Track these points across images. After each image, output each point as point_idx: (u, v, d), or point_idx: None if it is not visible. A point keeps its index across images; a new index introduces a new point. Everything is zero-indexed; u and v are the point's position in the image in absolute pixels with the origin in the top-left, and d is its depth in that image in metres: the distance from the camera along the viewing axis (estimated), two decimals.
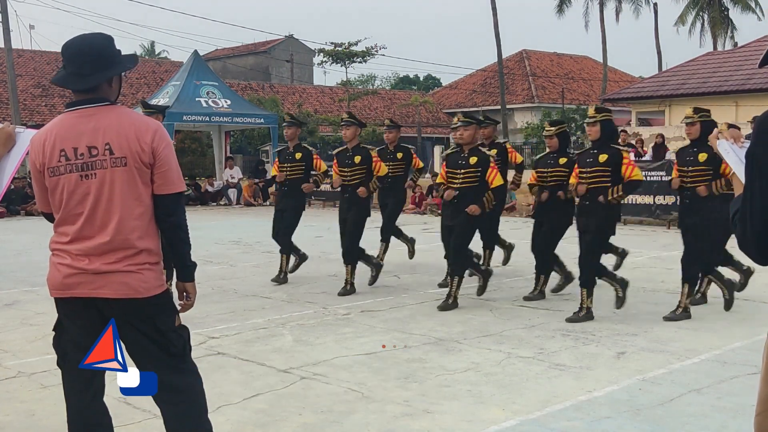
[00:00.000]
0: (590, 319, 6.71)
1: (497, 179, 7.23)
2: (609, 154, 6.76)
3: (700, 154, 6.71)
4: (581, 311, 6.76)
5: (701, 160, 6.69)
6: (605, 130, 6.83)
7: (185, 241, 3.12)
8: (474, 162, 7.20)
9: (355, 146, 8.33)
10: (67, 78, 2.98)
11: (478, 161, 7.20)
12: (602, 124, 6.81)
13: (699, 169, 6.72)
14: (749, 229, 2.05)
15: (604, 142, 6.83)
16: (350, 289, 8.18)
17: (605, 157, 6.74)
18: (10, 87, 24.92)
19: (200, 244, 7.97)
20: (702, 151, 6.69)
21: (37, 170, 3.00)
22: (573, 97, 41.05)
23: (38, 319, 6.89)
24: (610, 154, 6.75)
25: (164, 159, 3.00)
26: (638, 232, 14.39)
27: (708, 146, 6.58)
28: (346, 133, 8.34)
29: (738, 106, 23.05)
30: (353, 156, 8.27)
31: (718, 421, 4.21)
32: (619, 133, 7.61)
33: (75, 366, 3.03)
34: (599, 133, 6.80)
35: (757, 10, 39.75)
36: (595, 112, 6.89)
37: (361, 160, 8.23)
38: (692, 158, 6.79)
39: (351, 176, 8.25)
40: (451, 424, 4.19)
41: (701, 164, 6.70)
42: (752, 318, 6.83)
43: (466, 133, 7.23)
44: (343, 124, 8.41)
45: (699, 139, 6.74)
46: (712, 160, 6.58)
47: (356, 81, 54.03)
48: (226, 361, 5.53)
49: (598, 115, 6.83)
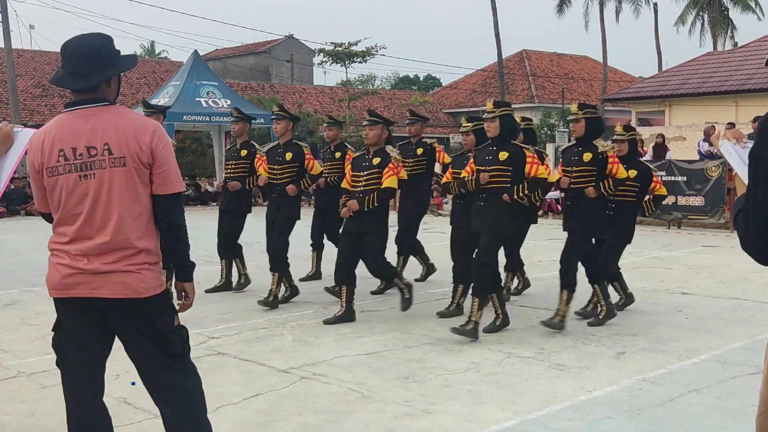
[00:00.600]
0: (561, 328, 6.31)
1: (389, 180, 6.66)
2: (593, 152, 6.38)
3: (585, 153, 6.40)
4: (555, 317, 6.36)
5: (586, 160, 6.38)
6: (589, 127, 6.45)
7: (184, 241, 3.11)
8: (377, 163, 6.76)
9: (287, 142, 7.69)
10: (66, 78, 2.98)
11: (380, 162, 6.76)
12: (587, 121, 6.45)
13: (583, 170, 6.40)
14: (752, 229, 2.05)
15: (587, 140, 6.48)
16: (272, 302, 7.38)
17: (590, 156, 6.39)
18: (10, 87, 24.91)
19: (200, 244, 7.96)
20: (587, 151, 6.39)
21: (35, 170, 3.00)
22: (573, 97, 40.95)
23: (38, 319, 6.89)
24: (593, 153, 6.38)
25: (163, 159, 3.00)
26: (638, 232, 14.32)
27: (593, 145, 6.36)
28: (277, 127, 7.69)
29: (738, 106, 23.02)
30: (284, 153, 7.63)
31: (718, 421, 4.21)
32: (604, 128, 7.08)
33: (74, 366, 3.03)
34: (584, 130, 6.45)
35: (757, 10, 39.70)
36: (578, 108, 6.51)
37: (292, 158, 7.59)
38: (577, 158, 6.46)
39: (281, 174, 7.62)
40: (451, 424, 4.19)
41: (586, 164, 6.39)
42: (752, 318, 6.83)
43: (371, 133, 6.79)
44: (273, 117, 7.77)
45: (584, 138, 6.46)
46: (596, 160, 6.35)
47: (356, 81, 54.01)
48: (226, 361, 5.53)
49: (580, 112, 6.42)
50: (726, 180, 13.93)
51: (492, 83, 42.13)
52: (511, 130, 6.29)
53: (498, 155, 6.19)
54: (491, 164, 6.20)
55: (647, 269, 9.76)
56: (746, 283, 8.60)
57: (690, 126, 21.94)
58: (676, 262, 10.41)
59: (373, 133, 6.78)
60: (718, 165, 13.95)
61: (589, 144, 6.48)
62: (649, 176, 7.03)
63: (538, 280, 8.76)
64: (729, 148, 2.46)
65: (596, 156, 6.40)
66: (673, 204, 14.52)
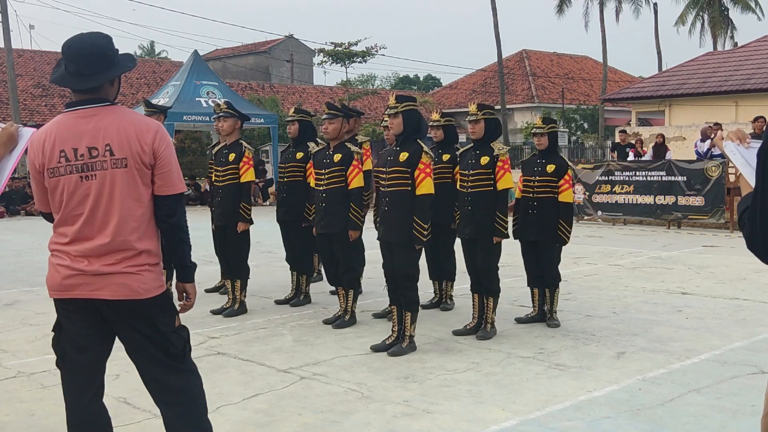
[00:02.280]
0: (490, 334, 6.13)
1: (356, 180, 6.32)
2: (489, 155, 6.04)
3: (482, 157, 6.09)
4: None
5: (483, 163, 6.08)
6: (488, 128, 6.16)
7: (185, 241, 3.11)
8: (338, 160, 6.35)
9: (234, 142, 7.13)
10: (70, 78, 2.96)
11: (341, 159, 6.35)
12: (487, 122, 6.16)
13: (480, 173, 6.08)
14: (759, 227, 2.05)
15: (486, 142, 6.16)
16: (239, 309, 7.10)
17: (487, 159, 6.06)
18: (10, 87, 24.92)
19: (200, 244, 7.96)
20: (484, 155, 6.09)
21: (36, 170, 2.99)
22: (573, 97, 41.05)
23: (38, 319, 6.90)
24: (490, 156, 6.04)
25: (165, 159, 3.00)
26: (638, 232, 14.40)
27: (491, 148, 6.11)
28: (223, 125, 7.11)
29: (738, 106, 23.04)
30: (228, 153, 7.08)
31: (718, 421, 4.21)
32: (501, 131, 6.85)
33: (74, 366, 3.03)
34: (483, 131, 6.14)
35: (757, 10, 39.74)
36: (477, 109, 6.17)
37: (234, 158, 7.02)
38: (474, 161, 6.12)
39: (224, 176, 7.06)
40: (451, 424, 4.19)
41: (482, 167, 6.08)
42: (752, 318, 6.83)
43: (330, 127, 6.37)
44: (221, 115, 7.13)
45: (483, 140, 6.16)
46: (493, 163, 6.05)
47: (356, 81, 54.01)
48: (226, 361, 5.53)
49: (480, 113, 6.14)
50: (726, 180, 13.93)
51: (492, 83, 42.16)
52: (416, 127, 5.66)
53: (399, 156, 5.60)
54: (392, 165, 5.63)
55: (647, 269, 9.76)
56: (746, 283, 8.60)
57: (690, 126, 21.95)
58: (676, 262, 10.41)
59: (333, 127, 6.39)
60: (718, 165, 13.95)
61: (486, 146, 6.15)
62: (563, 172, 6.59)
63: None
64: (733, 149, 2.46)
65: (492, 159, 6.05)
66: (673, 204, 14.52)
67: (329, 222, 6.41)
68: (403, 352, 5.60)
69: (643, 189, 14.90)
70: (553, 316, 6.67)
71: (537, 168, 6.59)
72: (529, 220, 6.58)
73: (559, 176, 6.52)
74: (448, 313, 7.17)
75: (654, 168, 14.91)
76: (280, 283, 8.70)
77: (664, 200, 14.62)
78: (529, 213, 6.58)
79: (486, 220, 6.06)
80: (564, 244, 6.65)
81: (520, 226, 6.67)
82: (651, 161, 15.69)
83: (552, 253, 6.65)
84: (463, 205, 6.20)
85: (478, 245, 6.15)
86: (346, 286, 6.59)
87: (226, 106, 7.22)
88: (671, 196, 14.49)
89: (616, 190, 15.24)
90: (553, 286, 6.67)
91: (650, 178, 14.81)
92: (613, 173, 15.30)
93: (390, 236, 5.64)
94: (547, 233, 6.53)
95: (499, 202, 6.07)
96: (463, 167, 6.26)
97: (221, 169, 7.08)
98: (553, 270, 6.66)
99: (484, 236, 6.10)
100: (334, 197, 6.38)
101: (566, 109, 38.30)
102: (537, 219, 6.53)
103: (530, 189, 6.60)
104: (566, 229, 6.53)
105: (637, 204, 15.05)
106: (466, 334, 6.23)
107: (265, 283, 8.81)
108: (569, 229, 6.55)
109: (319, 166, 6.50)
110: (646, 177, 14.89)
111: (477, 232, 6.10)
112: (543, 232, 6.54)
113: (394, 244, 5.63)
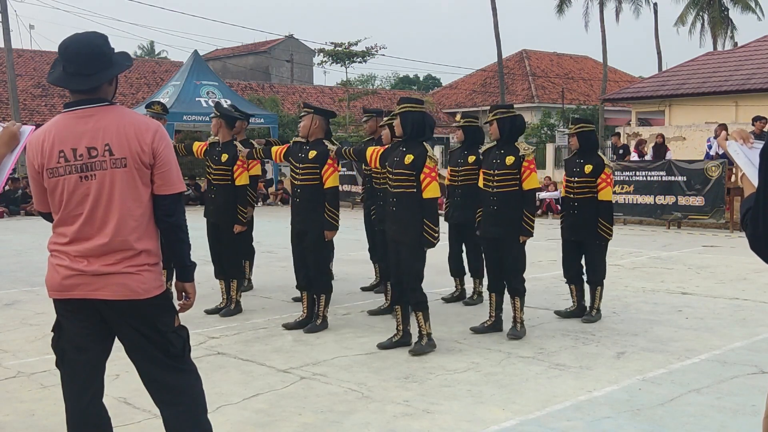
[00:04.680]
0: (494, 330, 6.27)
1: (331, 179, 6.26)
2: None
3: (507, 156, 6.12)
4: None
5: (508, 163, 6.12)
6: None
7: (185, 241, 3.11)
8: (312, 156, 6.28)
9: (227, 142, 7.13)
10: (69, 78, 2.95)
11: (316, 156, 6.29)
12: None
13: (506, 173, 6.12)
14: (761, 228, 2.04)
15: (508, 141, 6.24)
16: (235, 309, 7.14)
17: (512, 159, 6.12)
18: (10, 87, 24.91)
19: (200, 244, 7.95)
20: (509, 154, 6.13)
21: (35, 171, 2.98)
22: (573, 97, 41.02)
23: (38, 319, 6.90)
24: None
25: (164, 159, 2.99)
26: (638, 232, 14.40)
27: (515, 148, 6.16)
28: (211, 125, 7.20)
29: (738, 106, 23.04)
30: (221, 153, 7.10)
31: (718, 421, 4.21)
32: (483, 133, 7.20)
33: (74, 366, 3.02)
34: (498, 132, 6.21)
35: (757, 10, 39.70)
36: (489, 111, 6.32)
37: (227, 160, 7.06)
38: (498, 161, 6.17)
39: (216, 175, 7.11)
40: (451, 424, 4.19)
41: (508, 167, 6.12)
42: (752, 318, 6.83)
43: (302, 123, 6.42)
44: (211, 116, 7.23)
45: (504, 139, 6.21)
46: (519, 163, 6.10)
47: (356, 81, 53.98)
48: (226, 361, 5.53)
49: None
50: (726, 180, 13.93)
51: (492, 83, 42.13)
52: (420, 129, 5.67)
53: (404, 158, 5.63)
54: (398, 167, 5.67)
55: (647, 269, 9.76)
56: (746, 283, 8.60)
57: (690, 126, 21.96)
58: (676, 262, 10.41)
59: (303, 124, 6.40)
60: (718, 165, 13.95)
61: (510, 145, 6.17)
62: (600, 171, 6.67)
63: (538, 280, 8.76)
64: (736, 149, 2.46)
65: (518, 159, 6.08)
66: (673, 204, 14.53)
67: (304, 218, 6.34)
68: (424, 350, 5.64)
69: (643, 189, 14.91)
70: (592, 312, 6.78)
71: (576, 169, 6.77)
72: (569, 221, 6.80)
73: (596, 176, 6.65)
74: (448, 313, 7.16)
75: (654, 168, 14.92)
76: (280, 283, 8.71)
77: (664, 200, 14.62)
78: (571, 213, 6.79)
79: (513, 220, 6.09)
80: (606, 242, 6.77)
81: (564, 226, 6.88)
82: (651, 161, 15.70)
83: (595, 252, 6.78)
84: (488, 204, 6.18)
85: (505, 245, 6.16)
86: (319, 291, 6.42)
87: (215, 106, 7.32)
88: (671, 196, 14.50)
89: (616, 190, 15.24)
90: (595, 283, 6.80)
91: (650, 178, 14.82)
92: (613, 173, 15.29)
93: (401, 236, 5.66)
94: (587, 233, 6.70)
95: (527, 202, 6.13)
96: (487, 166, 6.26)
97: (214, 167, 7.14)
98: (597, 268, 6.78)
99: (512, 236, 6.09)
100: (307, 193, 6.31)
101: (566, 109, 38.27)
102: (578, 219, 6.72)
103: (571, 190, 6.78)
104: (606, 226, 6.66)
105: (637, 204, 15.06)
106: (485, 332, 6.30)
107: (265, 283, 8.81)
108: (609, 226, 6.68)
109: (295, 159, 6.45)
110: (646, 177, 14.90)
111: (504, 231, 6.12)
112: (582, 232, 6.73)
113: (405, 243, 5.65)
